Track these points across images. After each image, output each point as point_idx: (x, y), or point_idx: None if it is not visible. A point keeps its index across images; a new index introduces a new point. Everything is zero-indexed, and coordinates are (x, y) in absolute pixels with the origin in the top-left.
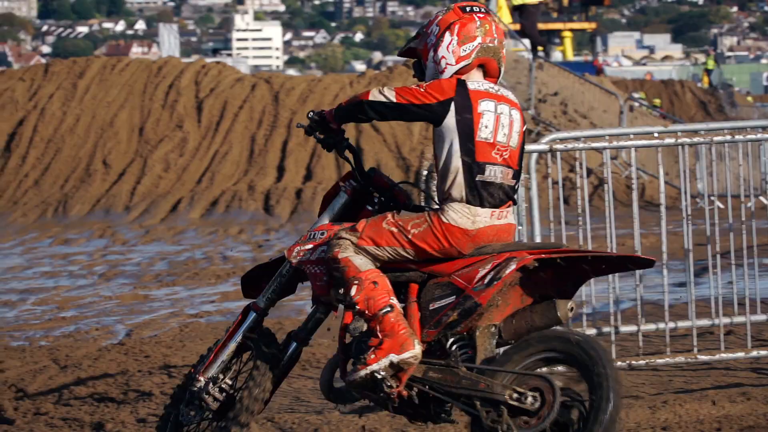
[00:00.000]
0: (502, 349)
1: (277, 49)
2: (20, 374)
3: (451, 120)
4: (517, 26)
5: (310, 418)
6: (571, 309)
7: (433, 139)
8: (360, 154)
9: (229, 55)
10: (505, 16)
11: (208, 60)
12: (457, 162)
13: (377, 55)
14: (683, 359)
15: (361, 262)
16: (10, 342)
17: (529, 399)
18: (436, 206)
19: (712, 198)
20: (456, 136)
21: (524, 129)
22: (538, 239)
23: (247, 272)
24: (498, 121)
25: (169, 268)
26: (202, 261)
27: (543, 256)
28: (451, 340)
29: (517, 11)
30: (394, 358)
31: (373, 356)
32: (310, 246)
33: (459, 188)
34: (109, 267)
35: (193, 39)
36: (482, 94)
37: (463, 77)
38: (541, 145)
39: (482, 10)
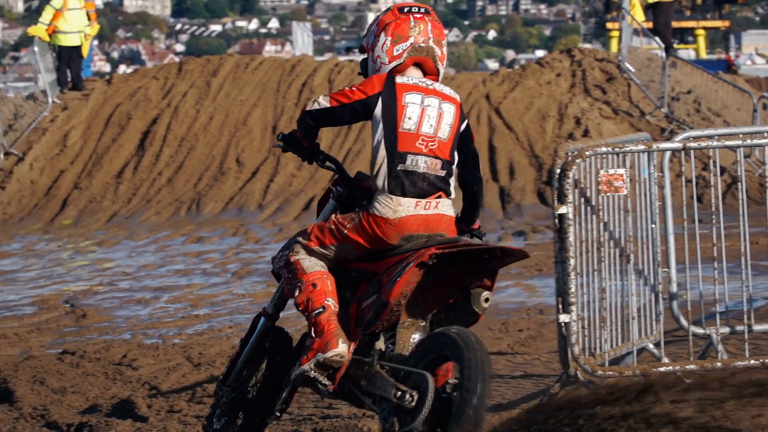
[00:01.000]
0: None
1: None
2: (154, 372)
3: (378, 112)
4: (650, 24)
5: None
6: (487, 300)
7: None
8: (339, 161)
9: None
10: (639, 14)
11: (341, 58)
12: (382, 152)
13: (510, 53)
14: None
15: (309, 264)
16: (144, 340)
17: (407, 397)
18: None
19: None
20: (381, 127)
21: (460, 123)
22: (671, 238)
23: None
24: (423, 113)
25: None
26: None
27: (436, 251)
28: (383, 337)
29: (651, 9)
30: (320, 357)
31: (305, 357)
32: (283, 252)
33: (382, 177)
34: (242, 265)
35: (326, 37)
36: (409, 87)
37: (398, 74)
38: (675, 144)
39: (421, 10)
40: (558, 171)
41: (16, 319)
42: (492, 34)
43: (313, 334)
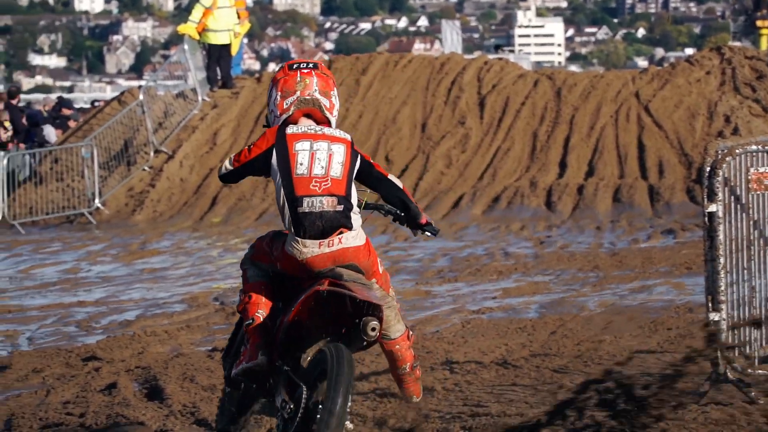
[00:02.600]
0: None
1: (559, 45)
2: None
3: (274, 163)
4: None
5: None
6: (373, 329)
7: None
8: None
9: (512, 51)
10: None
11: (490, 56)
12: (282, 198)
13: (659, 51)
14: None
15: (251, 275)
16: None
17: (287, 408)
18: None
19: None
20: (279, 175)
21: (353, 159)
22: None
23: None
24: (314, 157)
25: (451, 264)
26: (484, 257)
27: (319, 288)
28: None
29: None
30: (244, 365)
31: (236, 363)
32: (244, 256)
33: (288, 221)
34: (391, 263)
35: (475, 35)
36: (299, 136)
37: (289, 124)
38: None
39: (309, 65)
40: (708, 169)
41: (166, 317)
42: (641, 32)
43: (244, 342)
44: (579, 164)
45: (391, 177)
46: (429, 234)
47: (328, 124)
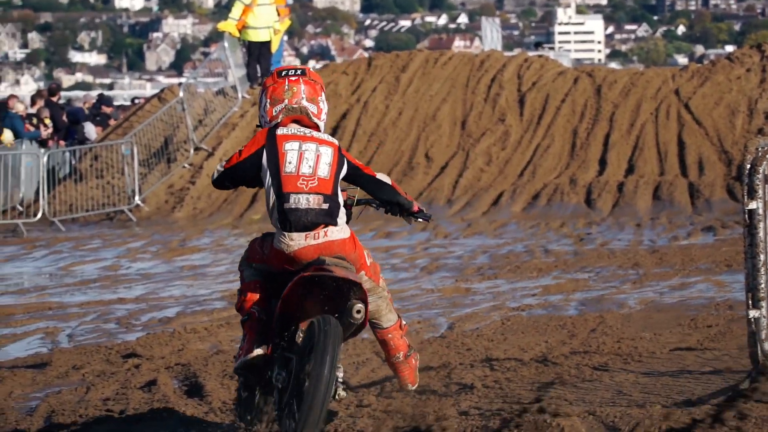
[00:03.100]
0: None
1: (599, 42)
2: (343, 367)
3: (264, 162)
4: None
5: (631, 411)
6: (359, 311)
7: None
8: None
9: (551, 48)
10: None
11: (531, 53)
12: (272, 195)
13: (699, 48)
14: None
15: (247, 275)
16: None
17: (281, 378)
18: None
19: None
20: (268, 174)
21: (339, 161)
22: None
23: None
24: (302, 157)
25: (491, 262)
26: (524, 254)
27: (304, 275)
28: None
29: None
30: (243, 359)
31: (236, 357)
32: (241, 258)
33: (275, 217)
34: (431, 260)
35: (515, 33)
36: (288, 137)
37: (279, 126)
38: None
39: (297, 72)
40: (748, 166)
41: (205, 314)
42: (681, 30)
43: (241, 338)
44: (619, 161)
45: (380, 176)
46: (422, 220)
47: (317, 128)
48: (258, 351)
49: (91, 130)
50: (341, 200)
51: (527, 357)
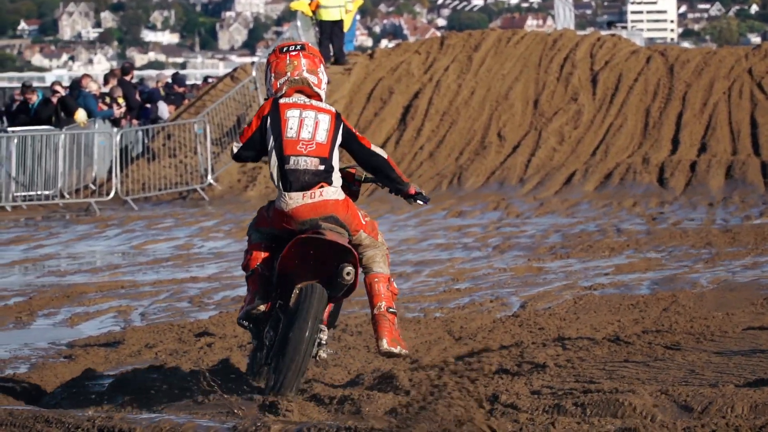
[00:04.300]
0: None
1: (671, 21)
2: (415, 345)
3: (269, 127)
4: None
5: (704, 390)
6: (348, 273)
7: None
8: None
9: (624, 27)
10: None
11: (603, 32)
12: (273, 157)
13: None
14: None
15: (254, 238)
16: (405, 313)
17: (270, 336)
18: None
19: None
20: (271, 138)
21: (336, 128)
22: None
23: None
24: (302, 123)
25: (563, 241)
26: (596, 233)
27: (302, 237)
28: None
29: None
30: (245, 308)
31: (241, 309)
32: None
33: (276, 177)
34: (503, 239)
35: (588, 11)
36: (290, 105)
37: (283, 96)
38: None
39: (297, 47)
40: None
41: None
42: (754, 8)
43: (246, 291)
44: (691, 141)
45: (374, 148)
46: (421, 202)
47: (318, 97)
48: (259, 304)
49: (164, 109)
50: (336, 165)
51: (599, 336)
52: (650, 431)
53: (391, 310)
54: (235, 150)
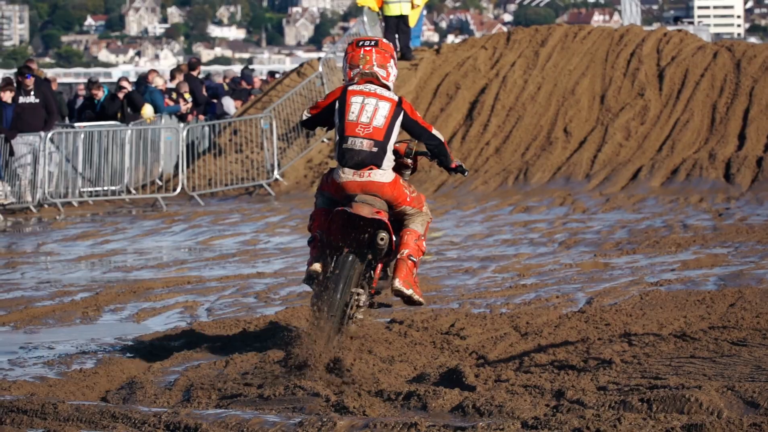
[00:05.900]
0: None
1: (738, 17)
2: (481, 341)
3: (336, 109)
4: None
5: None
6: (382, 239)
7: None
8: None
9: (691, 23)
10: None
11: (670, 28)
12: (337, 136)
13: None
14: None
15: (319, 203)
16: (471, 309)
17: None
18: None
19: None
20: (337, 119)
21: (395, 115)
22: None
23: None
24: (363, 108)
25: (629, 236)
26: (663, 229)
27: (342, 209)
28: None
29: None
30: (307, 269)
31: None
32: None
33: (337, 152)
34: (570, 235)
35: (654, 7)
36: (355, 92)
37: (353, 83)
38: None
39: (371, 43)
40: None
41: None
42: None
43: (309, 254)
44: (758, 136)
45: (434, 131)
46: (459, 174)
47: (387, 88)
48: (316, 265)
49: (230, 104)
50: (390, 148)
51: (666, 332)
52: (716, 428)
53: (412, 258)
54: (305, 117)
